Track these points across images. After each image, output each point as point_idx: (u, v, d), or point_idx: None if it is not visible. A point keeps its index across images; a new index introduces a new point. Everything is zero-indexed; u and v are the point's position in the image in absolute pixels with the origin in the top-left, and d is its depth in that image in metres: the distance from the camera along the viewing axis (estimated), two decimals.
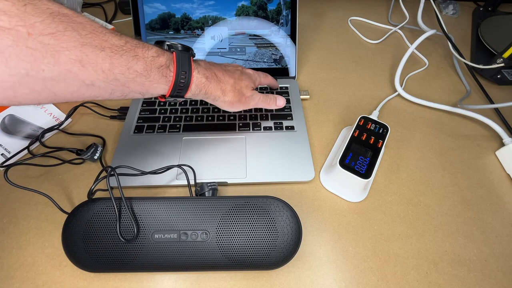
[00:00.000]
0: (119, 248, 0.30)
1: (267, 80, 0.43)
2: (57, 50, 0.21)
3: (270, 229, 0.30)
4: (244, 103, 0.36)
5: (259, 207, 0.31)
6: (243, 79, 0.36)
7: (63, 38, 0.21)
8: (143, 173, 0.35)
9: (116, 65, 0.24)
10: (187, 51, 0.31)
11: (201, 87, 0.32)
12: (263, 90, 0.49)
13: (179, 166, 0.36)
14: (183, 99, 0.33)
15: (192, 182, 0.36)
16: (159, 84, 0.28)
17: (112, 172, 0.32)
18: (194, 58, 0.33)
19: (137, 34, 0.48)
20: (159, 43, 0.31)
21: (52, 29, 0.20)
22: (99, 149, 0.41)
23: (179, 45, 0.31)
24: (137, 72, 0.26)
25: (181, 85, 0.30)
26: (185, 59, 0.30)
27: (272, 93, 0.49)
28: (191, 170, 0.37)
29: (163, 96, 0.30)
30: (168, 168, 0.36)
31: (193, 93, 0.32)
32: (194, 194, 0.35)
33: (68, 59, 0.21)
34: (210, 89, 0.33)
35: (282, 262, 0.30)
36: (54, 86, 0.22)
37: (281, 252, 0.30)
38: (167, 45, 0.31)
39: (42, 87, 0.21)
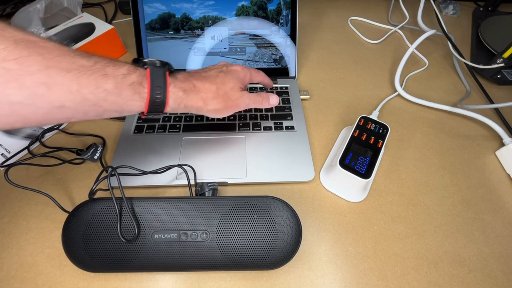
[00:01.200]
0: (119, 248, 0.30)
1: (259, 76, 0.40)
2: (21, 74, 0.21)
3: (270, 229, 0.30)
4: (232, 108, 0.34)
5: (259, 207, 0.31)
6: (227, 82, 0.34)
7: (27, 63, 0.21)
8: (144, 173, 0.35)
9: (84, 85, 0.24)
10: (163, 66, 0.30)
11: (179, 101, 0.31)
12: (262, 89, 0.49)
13: (179, 166, 0.36)
14: (164, 115, 0.31)
15: (192, 182, 0.36)
16: (133, 101, 0.28)
17: (113, 172, 0.32)
18: (172, 71, 0.31)
19: (137, 34, 0.48)
20: (136, 61, 0.30)
21: (15, 55, 0.21)
22: (99, 149, 0.41)
23: (157, 61, 0.30)
24: (107, 91, 0.25)
25: (157, 100, 0.29)
26: (159, 74, 0.29)
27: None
28: (191, 170, 0.37)
29: (143, 113, 0.30)
30: (169, 168, 0.36)
31: (172, 107, 0.30)
32: (194, 194, 0.35)
33: (33, 82, 0.22)
34: (190, 101, 0.31)
35: (282, 262, 0.30)
36: (22, 109, 0.22)
37: (281, 252, 0.30)
38: (143, 62, 0.30)
39: (10, 110, 0.22)
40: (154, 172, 0.36)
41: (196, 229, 0.30)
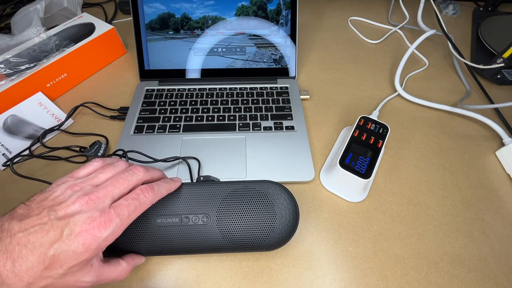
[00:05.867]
0: (123, 233, 0.30)
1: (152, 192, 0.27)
2: None
3: (269, 212, 0.31)
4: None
5: (257, 190, 0.31)
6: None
7: None
8: (155, 160, 0.37)
9: None
10: None
11: None
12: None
13: (183, 158, 0.38)
14: None
15: (195, 174, 0.38)
16: None
17: (124, 155, 0.34)
18: None
19: (137, 34, 0.48)
20: None
21: None
22: (103, 146, 0.41)
23: None
24: None
25: None
26: None
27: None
28: (197, 162, 0.39)
29: None
30: (177, 158, 0.38)
31: None
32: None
33: None
34: None
35: (281, 243, 0.31)
36: None
37: (279, 233, 0.31)
38: None
39: None
40: (164, 160, 0.38)
41: (197, 213, 0.30)
